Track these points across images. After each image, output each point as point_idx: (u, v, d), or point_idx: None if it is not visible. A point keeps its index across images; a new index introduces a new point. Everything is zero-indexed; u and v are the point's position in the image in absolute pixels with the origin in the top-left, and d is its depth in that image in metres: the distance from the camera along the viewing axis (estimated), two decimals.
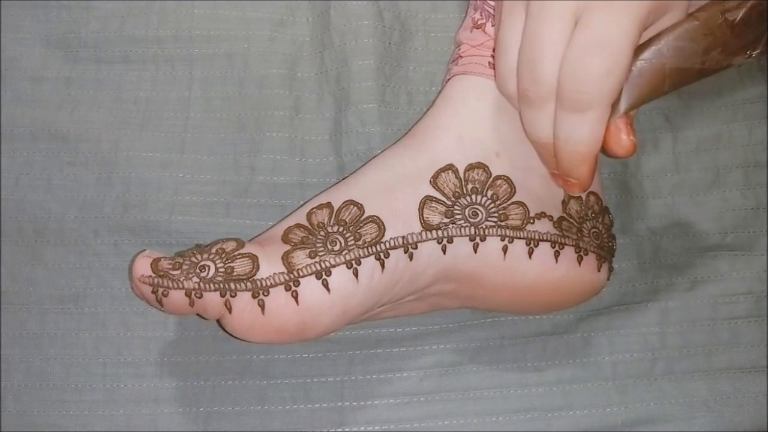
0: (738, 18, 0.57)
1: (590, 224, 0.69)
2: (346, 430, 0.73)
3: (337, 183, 0.72)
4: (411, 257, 0.65)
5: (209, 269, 0.63)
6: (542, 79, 0.55)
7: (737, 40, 0.57)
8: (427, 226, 0.65)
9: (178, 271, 0.62)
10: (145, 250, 0.65)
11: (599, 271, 0.70)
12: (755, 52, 0.58)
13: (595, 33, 0.52)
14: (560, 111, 0.55)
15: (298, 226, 0.66)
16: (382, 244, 0.65)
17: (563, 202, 0.68)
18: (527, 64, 0.56)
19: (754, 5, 0.57)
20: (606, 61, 0.52)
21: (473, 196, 0.67)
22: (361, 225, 0.65)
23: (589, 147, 0.56)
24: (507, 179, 0.67)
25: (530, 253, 0.67)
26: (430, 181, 0.67)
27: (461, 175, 0.67)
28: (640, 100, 0.56)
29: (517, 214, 0.67)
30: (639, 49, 0.55)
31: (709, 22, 0.56)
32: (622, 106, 0.55)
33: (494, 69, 0.65)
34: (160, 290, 0.62)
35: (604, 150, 0.58)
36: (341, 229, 0.65)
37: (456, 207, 0.66)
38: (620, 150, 0.57)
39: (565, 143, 0.57)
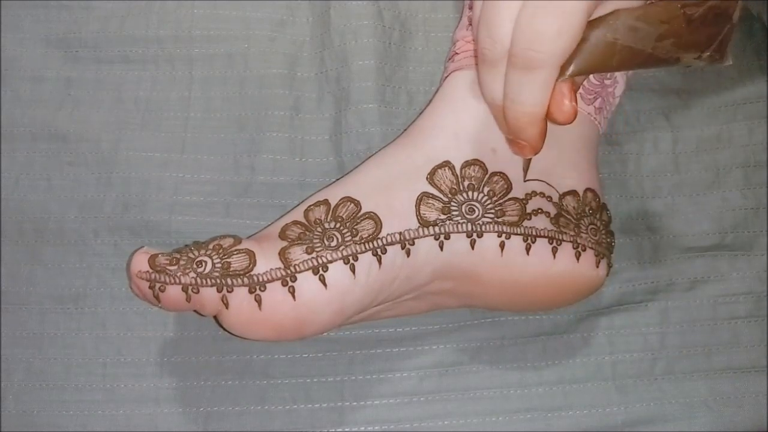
0: (696, 14, 0.57)
1: (588, 220, 0.69)
2: (346, 430, 0.73)
3: (334, 181, 0.73)
4: (408, 253, 0.65)
5: (206, 265, 0.63)
6: (497, 38, 0.54)
7: (691, 36, 0.57)
8: (423, 223, 0.66)
9: (175, 267, 0.62)
10: (143, 246, 0.65)
11: (598, 267, 0.70)
12: (705, 54, 0.58)
13: None
14: (510, 70, 0.54)
15: (295, 222, 0.67)
16: (379, 240, 0.65)
17: (523, 168, 0.67)
18: (485, 21, 0.55)
19: (712, 6, 0.57)
20: (557, 21, 0.51)
21: (470, 193, 0.67)
22: (358, 221, 0.65)
23: (535, 108, 0.55)
24: (503, 175, 0.67)
25: (528, 249, 0.67)
26: (427, 178, 0.67)
27: (458, 172, 0.67)
28: (587, 69, 0.56)
29: (513, 210, 0.67)
30: (595, 22, 0.55)
31: (668, 11, 0.57)
32: (568, 71, 0.55)
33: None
34: (157, 286, 0.62)
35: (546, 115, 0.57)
36: (338, 225, 0.65)
37: (453, 203, 0.66)
38: (561, 115, 0.56)
39: (512, 103, 0.56)
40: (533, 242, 0.67)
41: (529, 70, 0.53)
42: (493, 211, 0.66)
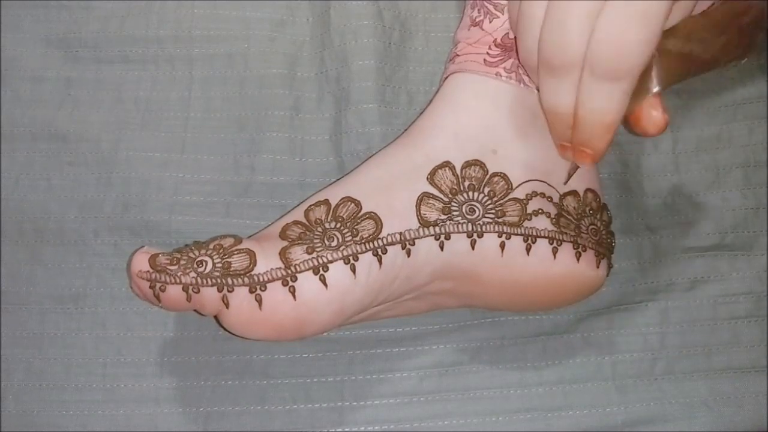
0: (744, 22, 0.59)
1: (588, 221, 0.69)
2: (346, 430, 0.73)
3: (334, 181, 0.73)
4: (408, 254, 0.65)
5: (206, 264, 0.63)
6: (570, 47, 0.54)
7: (739, 43, 0.59)
8: (424, 223, 0.65)
9: (176, 266, 0.62)
10: (143, 246, 0.65)
11: (598, 267, 0.70)
12: (742, 60, 0.60)
13: (634, 1, 0.52)
14: (591, 80, 0.55)
15: (296, 222, 0.66)
16: (379, 240, 0.65)
17: (568, 173, 0.68)
18: (554, 29, 0.55)
19: (757, 15, 0.59)
20: (644, 31, 0.52)
21: (470, 193, 0.67)
22: (359, 221, 0.65)
23: (616, 117, 0.57)
24: (504, 176, 0.67)
25: (528, 250, 0.67)
26: (427, 178, 0.67)
27: (458, 172, 0.67)
28: (671, 81, 0.58)
29: (514, 210, 0.67)
30: (667, 33, 0.55)
31: (726, 20, 0.59)
32: (656, 84, 0.56)
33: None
34: (158, 285, 0.62)
35: (633, 127, 0.59)
36: (339, 225, 0.65)
37: (453, 204, 0.66)
38: (653, 127, 0.58)
39: (592, 113, 0.57)
40: (533, 242, 0.67)
41: (613, 80, 0.54)
42: (493, 211, 0.66)
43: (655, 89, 0.57)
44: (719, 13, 0.60)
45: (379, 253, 0.65)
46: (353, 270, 0.64)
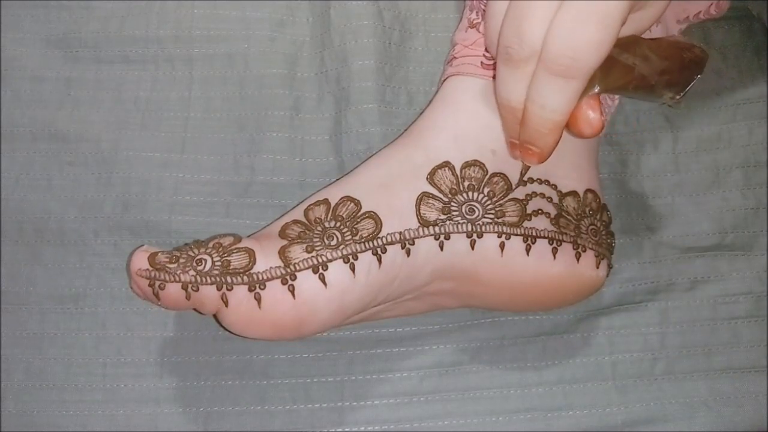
0: (687, 58, 0.61)
1: (588, 221, 0.69)
2: (346, 430, 0.73)
3: (334, 181, 0.73)
4: (408, 253, 0.65)
5: (206, 263, 0.63)
6: (527, 38, 0.53)
7: (679, 77, 0.61)
8: (424, 222, 0.66)
9: (175, 265, 0.62)
10: (143, 245, 0.65)
11: (598, 268, 0.70)
12: (678, 96, 0.62)
13: (593, 2, 0.52)
14: (543, 75, 0.54)
15: (296, 222, 0.67)
16: (379, 240, 0.65)
17: (520, 173, 0.67)
18: (514, 20, 0.54)
19: (697, 54, 0.62)
20: (601, 31, 0.51)
21: (470, 193, 0.67)
22: (358, 221, 0.65)
23: (563, 116, 0.55)
24: (503, 176, 0.67)
25: (528, 250, 0.67)
26: (427, 178, 0.67)
27: (458, 172, 0.67)
28: (610, 89, 0.58)
29: (513, 210, 0.67)
30: (619, 43, 0.55)
31: (670, 50, 0.61)
32: (598, 86, 0.56)
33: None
34: (157, 284, 0.62)
35: (570, 127, 0.58)
36: (338, 224, 0.65)
37: (453, 204, 0.66)
38: (588, 129, 0.57)
39: (541, 109, 0.55)
40: (533, 243, 0.67)
41: (565, 78, 0.53)
42: (493, 211, 0.66)
43: (596, 89, 0.57)
44: (666, 42, 0.62)
45: (379, 252, 0.65)
46: (353, 269, 0.64)
